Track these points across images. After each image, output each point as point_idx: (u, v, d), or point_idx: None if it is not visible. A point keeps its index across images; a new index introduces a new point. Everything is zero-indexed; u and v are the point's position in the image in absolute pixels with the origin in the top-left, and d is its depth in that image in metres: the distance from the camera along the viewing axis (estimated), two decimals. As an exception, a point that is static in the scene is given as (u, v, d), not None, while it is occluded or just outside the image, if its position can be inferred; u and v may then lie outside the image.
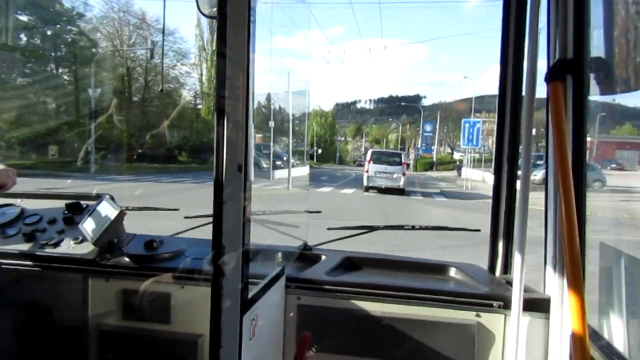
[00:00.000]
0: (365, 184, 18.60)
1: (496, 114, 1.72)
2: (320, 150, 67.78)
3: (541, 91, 1.44)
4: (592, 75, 1.33)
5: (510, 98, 1.66)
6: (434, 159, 52.80)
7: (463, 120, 25.38)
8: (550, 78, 1.35)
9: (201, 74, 38.07)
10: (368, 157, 19.31)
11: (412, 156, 53.62)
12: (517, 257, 1.39)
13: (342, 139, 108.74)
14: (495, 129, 1.76)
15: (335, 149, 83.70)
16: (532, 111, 1.41)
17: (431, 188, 24.27)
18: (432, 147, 54.87)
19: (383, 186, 17.99)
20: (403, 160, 19.05)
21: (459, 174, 36.95)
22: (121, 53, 29.70)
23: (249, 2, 1.00)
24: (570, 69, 1.32)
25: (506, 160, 1.68)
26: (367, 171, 18.51)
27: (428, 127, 54.02)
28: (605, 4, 1.30)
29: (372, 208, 14.25)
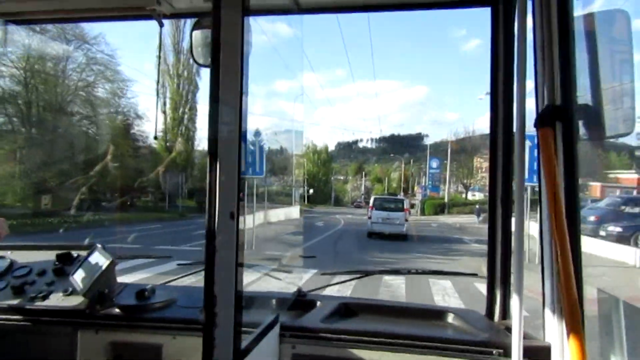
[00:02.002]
0: (368, 229, 20.35)
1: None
2: (312, 191, 64.44)
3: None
4: (580, 122, 1.49)
5: (501, 142, 1.82)
6: (446, 200, 49.30)
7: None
8: (539, 124, 1.51)
9: (164, 103, 34.80)
10: (370, 203, 21.27)
11: (418, 196, 51.25)
12: (515, 303, 1.49)
13: (343, 178, 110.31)
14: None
15: (330, 189, 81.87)
16: (524, 156, 1.55)
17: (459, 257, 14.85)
18: (440, 186, 53.94)
19: (386, 232, 19.58)
20: (405, 207, 20.88)
21: (482, 221, 32.00)
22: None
23: (241, 51, 1.14)
24: (559, 116, 1.49)
25: (500, 204, 1.83)
26: (369, 217, 20.33)
27: (434, 164, 51.52)
28: (590, 52, 1.47)
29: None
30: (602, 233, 15.87)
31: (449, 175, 52.12)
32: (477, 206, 38.66)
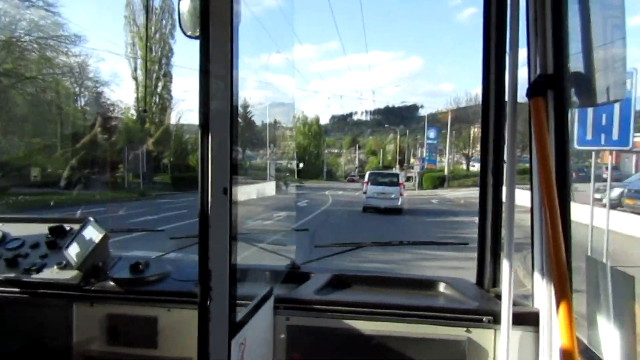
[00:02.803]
0: (364, 203, 21.32)
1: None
2: (301, 165, 61.19)
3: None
4: (572, 90, 1.56)
5: (493, 112, 1.89)
6: (446, 173, 46.48)
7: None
8: (531, 94, 1.58)
9: (135, 69, 33.57)
10: (365, 178, 22.26)
11: (416, 169, 47.93)
12: (505, 271, 1.60)
13: (337, 151, 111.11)
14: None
15: (322, 162, 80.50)
16: (515, 126, 1.63)
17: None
18: (436, 158, 51.75)
19: (382, 207, 20.49)
20: (400, 181, 21.89)
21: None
22: None
23: (231, 21, 1.17)
24: (551, 84, 1.55)
25: (490, 174, 1.91)
26: (365, 192, 21.36)
27: (432, 134, 51.19)
28: (583, 20, 1.52)
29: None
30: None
31: (449, 145, 49.61)
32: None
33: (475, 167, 49.46)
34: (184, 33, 1.58)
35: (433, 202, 27.05)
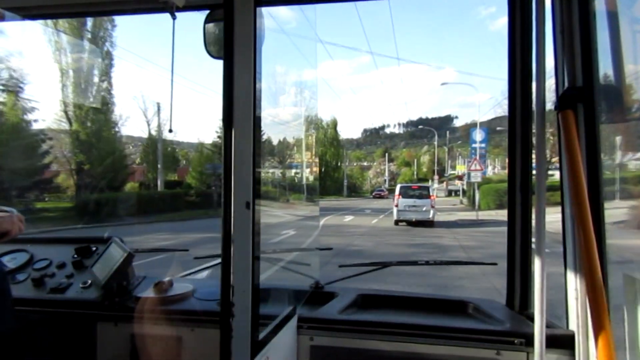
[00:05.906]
0: (395, 217, 23.99)
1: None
2: (312, 177, 57.72)
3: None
4: (602, 104, 1.66)
5: (519, 128, 2.00)
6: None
7: None
8: (560, 107, 1.68)
9: (57, 49, 29.47)
10: (397, 192, 24.76)
11: (473, 178, 32.65)
12: (537, 292, 1.67)
13: (367, 164, 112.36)
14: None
15: (342, 176, 75.35)
16: (544, 142, 1.74)
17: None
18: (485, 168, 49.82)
19: (413, 219, 22.81)
20: (431, 194, 23.99)
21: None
22: None
23: (254, 43, 1.33)
24: (581, 97, 1.66)
25: (519, 192, 2.02)
26: (396, 205, 23.98)
27: (480, 136, 39.67)
28: (612, 31, 1.65)
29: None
30: None
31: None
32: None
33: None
34: (209, 54, 1.83)
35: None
